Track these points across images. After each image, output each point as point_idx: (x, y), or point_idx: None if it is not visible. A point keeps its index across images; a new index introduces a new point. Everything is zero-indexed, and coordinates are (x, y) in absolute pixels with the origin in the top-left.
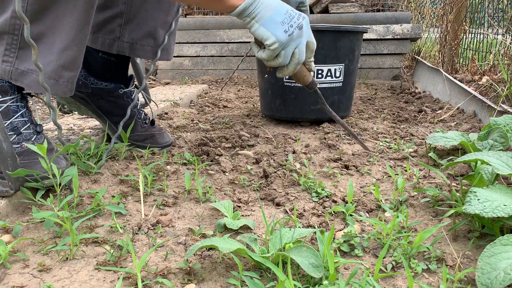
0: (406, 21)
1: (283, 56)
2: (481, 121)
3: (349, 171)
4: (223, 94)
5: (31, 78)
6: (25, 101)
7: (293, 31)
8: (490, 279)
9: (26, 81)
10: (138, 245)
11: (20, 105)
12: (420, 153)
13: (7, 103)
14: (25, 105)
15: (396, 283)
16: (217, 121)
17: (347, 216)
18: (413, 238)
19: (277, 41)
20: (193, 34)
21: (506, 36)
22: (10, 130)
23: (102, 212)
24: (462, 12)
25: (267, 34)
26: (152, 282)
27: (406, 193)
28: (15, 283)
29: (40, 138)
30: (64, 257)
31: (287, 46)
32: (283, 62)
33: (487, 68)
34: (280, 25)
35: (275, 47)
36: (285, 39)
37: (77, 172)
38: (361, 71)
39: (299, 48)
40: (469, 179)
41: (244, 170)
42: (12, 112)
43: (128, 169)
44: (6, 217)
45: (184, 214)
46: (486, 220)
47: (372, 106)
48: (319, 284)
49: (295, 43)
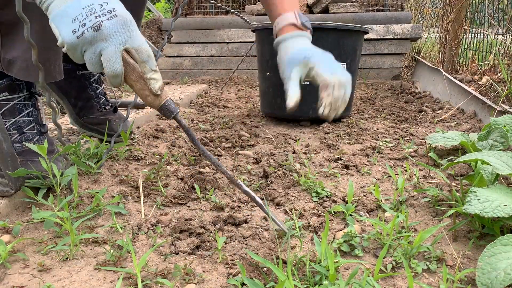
0: (406, 21)
1: (87, 63)
2: (481, 121)
3: (349, 171)
4: (223, 94)
5: (17, 66)
6: (34, 99)
7: (83, 32)
8: (490, 279)
9: (14, 70)
10: (138, 245)
11: (27, 104)
12: (420, 153)
13: (14, 101)
14: (33, 104)
15: (396, 283)
16: (217, 121)
17: (347, 216)
18: (413, 238)
19: (64, 43)
20: (193, 34)
21: (506, 36)
22: (13, 129)
23: (102, 212)
24: (462, 12)
25: (56, 32)
26: (152, 282)
27: (406, 193)
28: (15, 283)
29: (43, 139)
30: (64, 257)
31: (85, 50)
32: (92, 69)
33: (487, 68)
34: (70, 22)
35: (66, 49)
36: (72, 41)
37: (77, 172)
38: (361, 71)
39: (103, 56)
40: (469, 179)
41: (244, 170)
42: (18, 110)
43: (128, 169)
44: (6, 217)
45: (184, 214)
46: (486, 220)
47: (372, 106)
48: (319, 284)
49: (94, 48)
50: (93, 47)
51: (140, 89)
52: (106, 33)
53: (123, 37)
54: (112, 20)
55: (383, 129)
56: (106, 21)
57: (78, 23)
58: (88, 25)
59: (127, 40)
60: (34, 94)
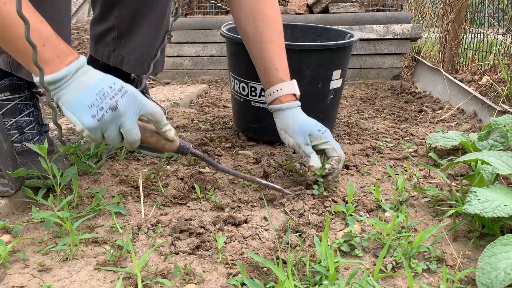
0: (406, 21)
1: (107, 140)
2: (481, 121)
3: (349, 171)
4: (223, 94)
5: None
6: (35, 100)
7: (103, 115)
8: (490, 279)
9: (23, 72)
10: (138, 245)
11: (29, 104)
12: (420, 153)
13: (15, 101)
14: (34, 104)
15: (396, 283)
16: (217, 121)
17: (347, 216)
18: (413, 238)
19: (85, 129)
20: (193, 34)
21: (506, 36)
22: (14, 129)
23: (102, 212)
24: (462, 12)
25: (74, 120)
26: (152, 282)
27: (406, 193)
28: (15, 283)
29: (43, 139)
30: (64, 257)
31: (105, 129)
32: (113, 143)
33: (487, 68)
34: (87, 109)
35: (87, 134)
36: (93, 125)
37: (77, 172)
38: (361, 71)
39: (124, 129)
40: (469, 179)
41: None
42: (19, 110)
43: (128, 169)
44: (6, 217)
45: (184, 214)
46: (486, 220)
47: (372, 106)
48: (319, 284)
49: (114, 125)
50: (112, 125)
51: (157, 141)
52: (123, 109)
53: (137, 108)
54: (124, 97)
55: (383, 129)
56: (120, 99)
57: (96, 108)
58: (105, 108)
59: (140, 109)
60: (35, 94)
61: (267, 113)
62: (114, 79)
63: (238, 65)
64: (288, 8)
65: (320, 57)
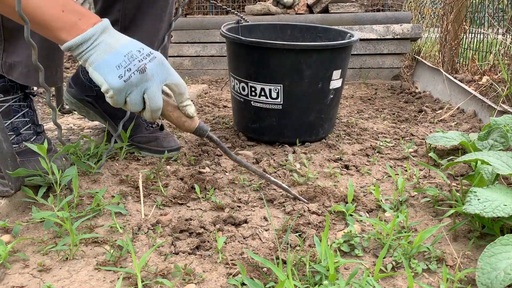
0: (406, 21)
1: (130, 104)
2: (481, 121)
3: (349, 171)
4: (223, 94)
5: (18, 71)
6: (29, 100)
7: (130, 76)
8: (490, 279)
9: (15, 74)
10: (138, 245)
11: (23, 105)
12: (420, 153)
13: (8, 102)
14: (28, 105)
15: (396, 283)
16: (217, 121)
17: (347, 216)
18: (413, 238)
19: (110, 88)
20: (193, 34)
21: (506, 36)
22: (10, 130)
23: (102, 212)
24: (462, 12)
25: (100, 80)
26: (152, 282)
27: (406, 193)
28: (15, 283)
29: (40, 139)
30: (64, 257)
31: (129, 93)
32: (134, 109)
33: (487, 68)
34: (115, 69)
35: (111, 95)
36: (119, 86)
37: (77, 172)
38: (361, 71)
39: (148, 94)
40: (469, 179)
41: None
42: (14, 112)
43: (128, 169)
44: (6, 217)
45: (184, 214)
46: (486, 220)
47: (372, 106)
48: (319, 284)
49: (139, 88)
50: (138, 88)
51: (178, 117)
52: (150, 74)
53: (163, 75)
54: (153, 62)
55: (383, 129)
56: (149, 63)
57: (123, 69)
58: (133, 69)
59: (167, 77)
60: (28, 95)
61: (267, 113)
62: (142, 44)
63: (238, 65)
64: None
65: (320, 57)
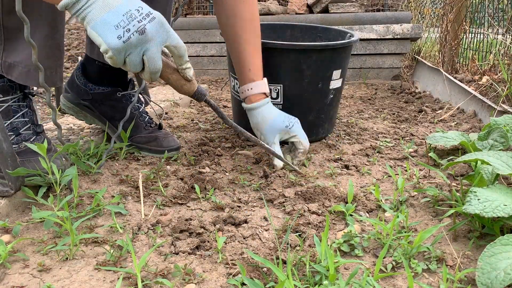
0: (406, 21)
1: (129, 64)
2: (481, 121)
3: (349, 171)
4: (223, 94)
5: (18, 71)
6: (28, 100)
7: (130, 37)
8: (490, 279)
9: (14, 74)
10: (138, 245)
11: (22, 105)
12: (420, 153)
13: (8, 102)
14: (28, 105)
15: (396, 283)
16: (217, 121)
17: (347, 216)
18: (413, 238)
19: (109, 49)
20: (193, 34)
21: (506, 36)
22: (9, 131)
23: (102, 212)
24: (462, 12)
25: (98, 40)
26: (152, 282)
27: (406, 193)
28: (15, 283)
29: (40, 139)
30: (64, 257)
31: (129, 54)
32: (133, 70)
33: (487, 68)
34: (113, 29)
35: (110, 55)
36: (118, 46)
37: (77, 172)
38: (361, 71)
39: (147, 56)
40: (469, 179)
41: (244, 170)
42: (13, 112)
43: (128, 169)
44: (6, 217)
45: (184, 214)
46: (486, 220)
47: (372, 106)
48: (319, 284)
49: (139, 49)
50: (137, 49)
51: (176, 79)
52: (150, 35)
53: (163, 37)
54: (152, 22)
55: (383, 129)
56: (148, 24)
57: (122, 29)
58: (132, 30)
59: (166, 39)
60: (28, 95)
61: None
62: (141, 2)
63: None
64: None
65: (320, 57)
